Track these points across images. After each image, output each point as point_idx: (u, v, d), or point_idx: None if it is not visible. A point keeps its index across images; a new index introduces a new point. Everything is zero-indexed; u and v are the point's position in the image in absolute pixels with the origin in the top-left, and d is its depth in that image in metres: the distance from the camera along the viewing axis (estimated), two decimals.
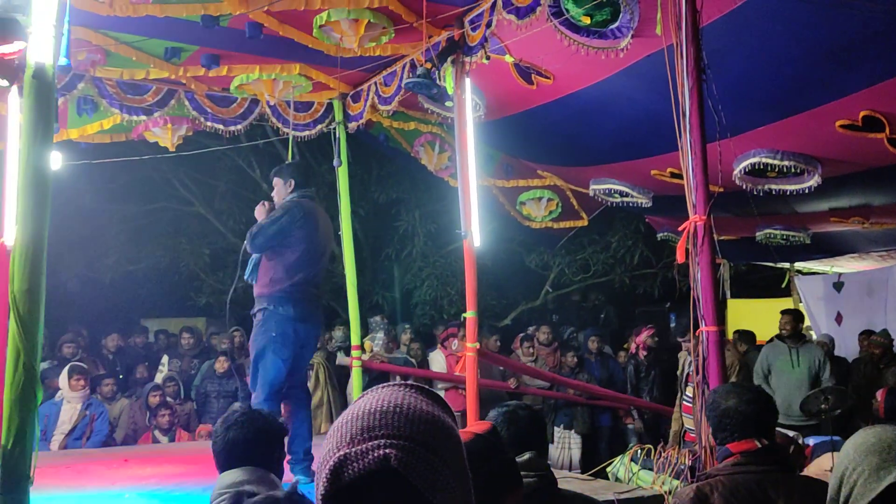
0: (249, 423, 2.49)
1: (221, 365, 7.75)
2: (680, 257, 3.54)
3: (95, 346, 8.59)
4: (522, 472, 2.08)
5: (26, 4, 4.45)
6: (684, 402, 5.74)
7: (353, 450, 0.99)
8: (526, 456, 2.16)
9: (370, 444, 0.99)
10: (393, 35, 5.44)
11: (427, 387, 1.15)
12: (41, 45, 2.67)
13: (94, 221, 10.50)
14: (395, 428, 1.01)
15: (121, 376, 7.89)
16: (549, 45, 4.95)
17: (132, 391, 7.78)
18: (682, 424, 5.76)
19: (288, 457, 4.66)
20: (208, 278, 11.61)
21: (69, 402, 6.56)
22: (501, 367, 7.40)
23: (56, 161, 5.04)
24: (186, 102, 6.73)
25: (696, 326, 3.48)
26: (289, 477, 4.54)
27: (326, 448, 1.03)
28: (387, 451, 0.98)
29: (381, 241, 12.04)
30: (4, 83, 5.49)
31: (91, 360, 7.93)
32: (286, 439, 4.62)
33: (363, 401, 1.09)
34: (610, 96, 5.69)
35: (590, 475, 4.84)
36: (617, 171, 7.16)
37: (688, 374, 5.63)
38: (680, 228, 3.57)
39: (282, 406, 4.97)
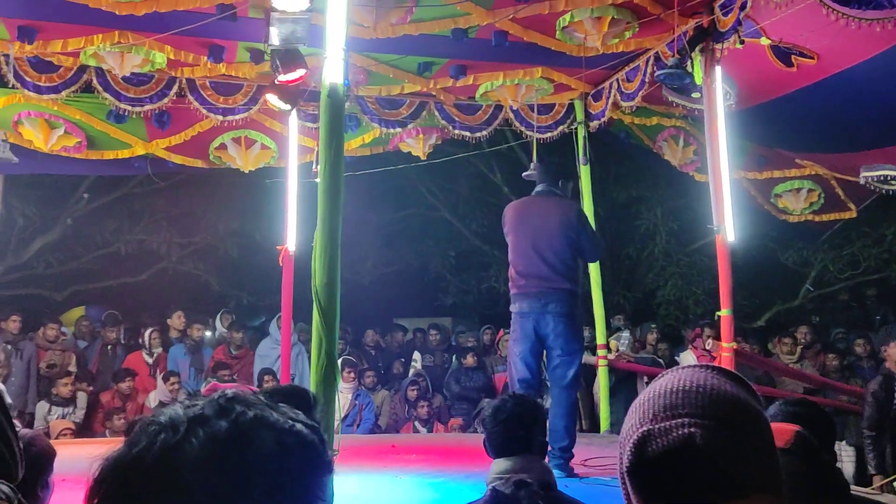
0: (519, 412, 2.59)
1: (470, 361, 8.13)
2: None
3: (358, 342, 9.41)
4: None
5: (306, 36, 5.08)
6: None
7: (657, 426, 1.01)
8: None
9: (674, 421, 1.01)
10: (637, 29, 5.37)
11: (731, 370, 1.14)
12: (333, 69, 3.01)
13: (355, 228, 11.49)
14: (698, 407, 1.02)
15: (382, 371, 8.56)
16: (813, 21, 4.59)
17: (391, 384, 8.43)
18: None
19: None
20: (454, 279, 12.21)
21: (341, 392, 7.19)
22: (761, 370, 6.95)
23: None
24: (436, 113, 7.17)
25: None
26: None
27: (629, 424, 1.06)
28: (691, 429, 1.00)
29: (621, 240, 11.85)
30: (287, 107, 6.30)
31: (356, 354, 8.72)
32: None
33: (664, 380, 1.11)
34: (884, 73, 5.11)
35: (874, 489, 4.38)
36: (893, 156, 6.42)
37: None
38: None
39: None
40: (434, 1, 5.35)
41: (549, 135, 7.23)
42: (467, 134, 7.27)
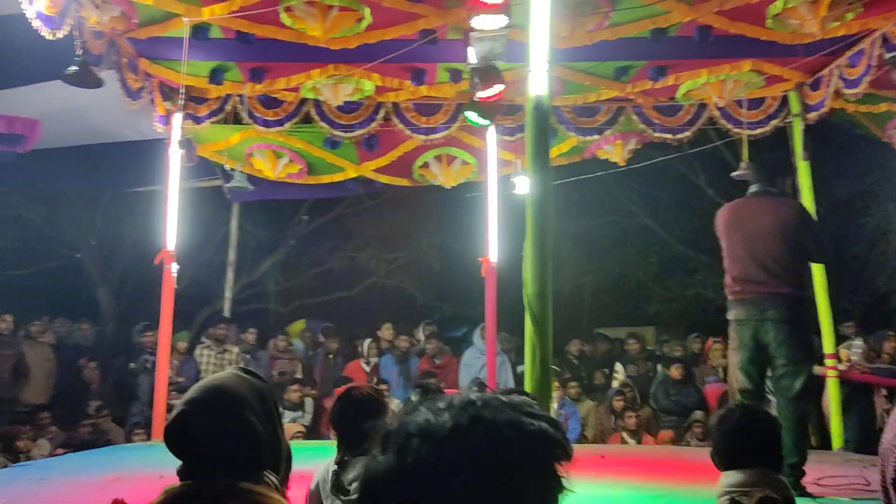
0: (748, 421, 2.46)
1: (677, 372, 7.81)
2: None
3: (559, 351, 9.36)
4: None
5: (504, 52, 5.19)
6: None
7: None
8: None
9: None
10: (861, 9, 4.90)
11: None
12: (537, 82, 3.05)
13: (553, 238, 11.53)
14: None
15: (586, 381, 8.46)
16: None
17: (595, 394, 8.30)
18: None
19: None
20: (657, 287, 11.81)
21: None
22: None
23: (525, 185, 5.70)
24: (634, 117, 6.99)
25: None
26: None
27: (893, 433, 1.04)
28: None
29: (845, 239, 10.84)
30: (486, 122, 6.46)
31: (558, 364, 8.68)
32: None
33: None
34: None
35: None
36: None
37: None
38: None
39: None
40: (631, 3, 5.24)
41: (759, 131, 6.77)
42: (668, 136, 7.02)
